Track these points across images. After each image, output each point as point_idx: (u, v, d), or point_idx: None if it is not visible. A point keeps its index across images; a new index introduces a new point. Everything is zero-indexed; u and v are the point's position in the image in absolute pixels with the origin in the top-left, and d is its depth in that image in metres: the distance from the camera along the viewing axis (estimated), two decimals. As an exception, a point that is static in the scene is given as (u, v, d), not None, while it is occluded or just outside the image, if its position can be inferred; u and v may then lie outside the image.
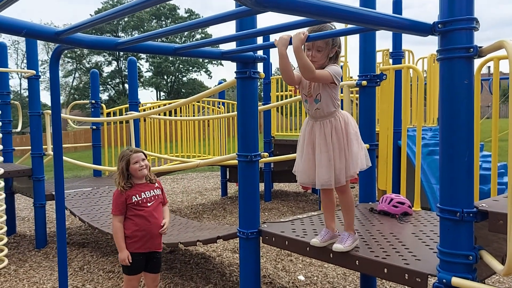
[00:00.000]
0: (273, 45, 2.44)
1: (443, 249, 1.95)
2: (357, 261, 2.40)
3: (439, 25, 1.92)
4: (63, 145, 7.29)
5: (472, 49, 1.87)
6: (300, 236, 2.83)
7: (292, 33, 2.28)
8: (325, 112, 2.51)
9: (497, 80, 3.21)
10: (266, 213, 7.08)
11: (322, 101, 2.50)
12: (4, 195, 5.14)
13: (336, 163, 2.47)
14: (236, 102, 10.01)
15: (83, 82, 50.10)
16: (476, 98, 2.99)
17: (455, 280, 1.88)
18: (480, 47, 1.91)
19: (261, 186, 7.88)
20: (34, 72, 5.37)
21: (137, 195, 2.95)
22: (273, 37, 2.47)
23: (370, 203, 3.67)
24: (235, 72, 2.96)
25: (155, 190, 3.04)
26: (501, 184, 4.43)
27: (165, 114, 8.77)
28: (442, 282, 1.93)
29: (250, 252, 3.08)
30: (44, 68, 46.52)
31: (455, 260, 1.91)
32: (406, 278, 2.15)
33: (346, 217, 2.62)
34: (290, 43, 2.32)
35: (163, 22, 52.01)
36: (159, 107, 8.96)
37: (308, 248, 2.69)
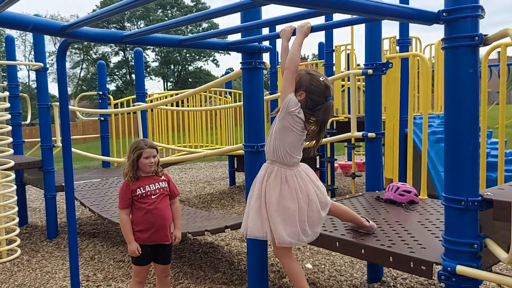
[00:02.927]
0: (278, 36, 2.45)
1: (448, 238, 1.96)
2: (362, 250, 2.42)
3: (444, 14, 1.91)
4: (72, 137, 7.33)
5: (477, 38, 1.86)
6: (306, 225, 2.85)
7: (295, 23, 2.29)
8: (267, 151, 2.47)
9: (505, 67, 3.19)
10: (274, 202, 7.11)
11: (269, 134, 2.46)
12: (15, 187, 5.23)
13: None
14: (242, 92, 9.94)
15: (90, 73, 50.29)
16: (483, 85, 2.99)
17: (459, 268, 1.90)
18: (485, 35, 1.90)
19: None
20: (42, 64, 5.40)
21: (141, 188, 2.95)
22: (279, 27, 2.47)
23: (377, 191, 3.68)
24: (240, 62, 2.97)
25: (160, 183, 3.02)
26: (508, 172, 4.41)
27: (172, 105, 8.79)
28: (447, 270, 1.95)
29: (257, 240, 3.11)
30: (51, 60, 46.67)
31: (459, 248, 1.93)
32: (412, 266, 2.17)
33: None
34: (294, 34, 2.33)
35: (169, 12, 51.85)
36: (166, 97, 8.99)
37: (314, 237, 2.72)
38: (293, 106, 2.29)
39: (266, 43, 2.99)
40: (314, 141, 2.43)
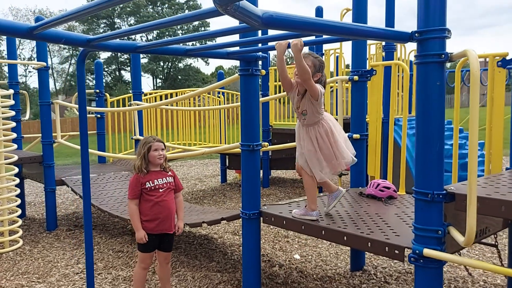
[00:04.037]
0: (273, 48, 2.78)
1: (417, 225, 2.30)
2: (345, 237, 2.75)
3: (416, 34, 2.24)
4: (70, 133, 7.52)
5: (443, 55, 2.20)
6: (296, 217, 3.17)
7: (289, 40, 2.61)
8: (310, 122, 3.05)
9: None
10: (265, 199, 7.43)
11: (308, 114, 3.04)
12: (18, 180, 5.45)
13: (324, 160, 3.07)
14: (234, 92, 10.23)
15: (79, 69, 50.03)
16: (456, 91, 3.32)
17: (426, 251, 2.23)
18: (451, 53, 2.24)
19: (260, 173, 8.22)
20: (44, 64, 5.64)
21: (150, 181, 3.22)
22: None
23: (360, 187, 4.02)
24: (239, 69, 3.28)
25: (167, 178, 3.30)
26: (481, 171, 4.80)
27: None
28: (416, 253, 2.28)
29: (251, 231, 3.42)
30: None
31: (426, 234, 2.26)
32: (387, 250, 2.51)
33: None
34: (288, 47, 2.65)
35: (159, 8, 51.83)
36: (161, 96, 9.24)
37: (303, 227, 3.04)
38: (323, 90, 2.98)
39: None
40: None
